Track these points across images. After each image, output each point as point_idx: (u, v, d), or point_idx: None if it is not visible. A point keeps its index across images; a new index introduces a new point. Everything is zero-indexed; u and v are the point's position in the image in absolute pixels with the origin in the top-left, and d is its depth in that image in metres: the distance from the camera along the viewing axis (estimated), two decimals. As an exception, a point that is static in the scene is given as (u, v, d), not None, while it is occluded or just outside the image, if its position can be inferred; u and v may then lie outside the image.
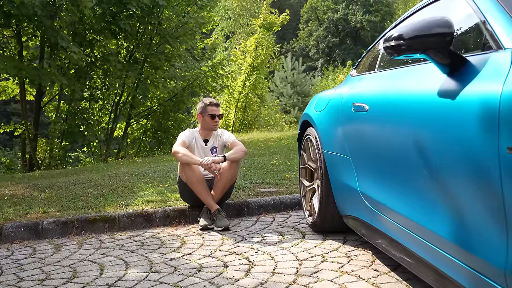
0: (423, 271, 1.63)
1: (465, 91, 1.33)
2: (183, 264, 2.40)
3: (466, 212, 1.33)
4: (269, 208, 3.61)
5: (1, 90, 10.87)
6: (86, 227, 3.20)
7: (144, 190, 4.07)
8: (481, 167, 1.23)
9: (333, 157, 2.54)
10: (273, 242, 2.74)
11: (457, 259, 1.39)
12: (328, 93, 2.87)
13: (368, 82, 2.31)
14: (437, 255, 1.51)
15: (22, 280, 2.27)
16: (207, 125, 3.44)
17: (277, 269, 2.24)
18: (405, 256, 1.78)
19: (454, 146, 1.35)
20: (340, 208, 2.59)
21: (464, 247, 1.34)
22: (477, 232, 1.28)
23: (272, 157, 6.15)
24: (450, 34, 1.41)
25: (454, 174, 1.38)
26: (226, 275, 2.20)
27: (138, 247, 2.79)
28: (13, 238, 3.08)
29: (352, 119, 2.28)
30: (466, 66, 1.41)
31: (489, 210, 1.21)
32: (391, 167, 1.85)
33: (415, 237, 1.65)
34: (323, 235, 2.83)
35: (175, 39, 9.97)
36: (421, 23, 1.45)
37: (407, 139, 1.67)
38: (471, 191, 1.29)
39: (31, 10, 6.96)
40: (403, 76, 1.89)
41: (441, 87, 1.47)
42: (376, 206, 2.03)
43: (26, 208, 3.57)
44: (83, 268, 2.42)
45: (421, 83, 1.65)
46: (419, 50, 1.46)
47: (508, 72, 1.19)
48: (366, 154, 2.13)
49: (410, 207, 1.69)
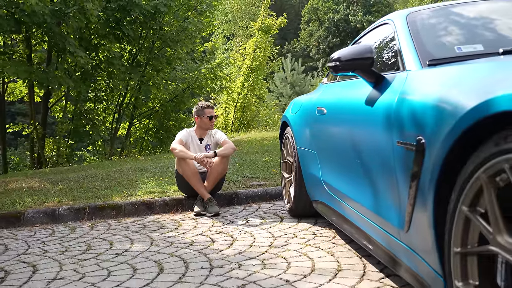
0: (358, 236, 2.13)
1: (379, 100, 1.83)
2: (178, 240, 2.90)
3: (379, 188, 1.83)
4: (256, 198, 4.10)
5: (9, 92, 11.41)
6: (96, 213, 3.71)
7: (146, 183, 4.58)
8: (384, 155, 1.72)
9: (304, 152, 3.04)
10: (255, 224, 3.24)
11: (375, 223, 1.88)
12: (302, 98, 3.37)
13: (329, 90, 2.81)
14: (365, 222, 2.01)
15: (47, 252, 2.78)
16: (204, 125, 3.94)
17: (254, 243, 2.74)
18: (348, 227, 2.28)
19: (372, 140, 1.85)
20: (310, 195, 3.09)
21: (378, 213, 1.84)
22: (385, 202, 1.78)
23: (265, 154, 6.65)
24: (372, 59, 1.90)
25: (371, 160, 1.87)
26: (212, 247, 2.70)
27: (141, 228, 3.29)
28: (33, 222, 3.59)
29: (316, 120, 2.78)
30: (384, 82, 1.90)
31: (390, 185, 1.71)
32: (339, 158, 2.35)
33: (354, 211, 2.15)
34: (298, 219, 3.33)
35: (176, 43, 10.49)
36: (352, 50, 1.95)
37: (348, 136, 2.17)
38: (381, 172, 1.79)
39: (41, 18, 7.47)
40: (349, 87, 2.39)
41: (367, 97, 1.96)
42: (332, 190, 2.53)
43: (43, 198, 4.08)
44: (95, 243, 2.93)
45: (357, 93, 2.14)
46: (350, 70, 1.95)
47: (402, 87, 1.69)
48: (325, 149, 2.63)
49: (350, 188, 2.19)
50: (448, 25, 2.05)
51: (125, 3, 9.09)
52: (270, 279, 2.09)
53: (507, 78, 1.10)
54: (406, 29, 2.01)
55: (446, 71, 1.54)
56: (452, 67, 1.56)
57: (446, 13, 2.14)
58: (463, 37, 1.91)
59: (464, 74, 1.41)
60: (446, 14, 2.13)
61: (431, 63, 1.73)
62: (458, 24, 2.04)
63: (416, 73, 1.72)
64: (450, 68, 1.55)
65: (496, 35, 1.90)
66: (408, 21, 2.07)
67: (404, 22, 2.08)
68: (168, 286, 2.08)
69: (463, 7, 2.19)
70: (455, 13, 2.14)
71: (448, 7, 2.18)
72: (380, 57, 2.21)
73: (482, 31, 1.94)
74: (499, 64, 1.37)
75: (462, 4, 2.20)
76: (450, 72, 1.51)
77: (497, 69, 1.30)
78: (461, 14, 2.13)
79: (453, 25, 2.05)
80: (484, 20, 2.04)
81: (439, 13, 2.15)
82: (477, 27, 1.99)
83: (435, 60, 1.74)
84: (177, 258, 2.51)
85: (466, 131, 1.14)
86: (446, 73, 1.53)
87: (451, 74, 1.49)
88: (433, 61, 1.74)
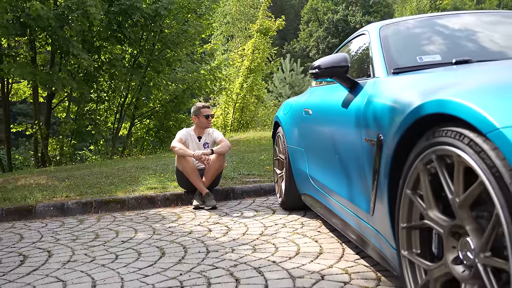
0: (336, 221, 2.41)
1: (352, 102, 2.11)
2: (178, 229, 3.18)
3: (352, 179, 2.11)
4: (251, 193, 4.38)
5: (13, 93, 11.71)
6: (102, 207, 3.99)
7: (148, 179, 4.86)
8: (355, 151, 2.00)
9: (293, 149, 3.32)
10: (249, 216, 3.52)
11: (350, 210, 2.17)
12: (292, 100, 3.65)
13: (315, 93, 3.10)
14: (343, 210, 2.29)
15: (59, 240, 3.06)
16: (202, 124, 4.22)
17: (247, 232, 3.03)
18: (330, 215, 2.56)
19: (347, 138, 2.13)
20: (299, 189, 3.37)
21: (352, 201, 2.12)
22: (357, 191, 2.06)
23: (261, 153, 6.92)
24: (347, 67, 2.18)
25: (346, 156, 2.15)
26: (209, 235, 2.98)
27: (144, 220, 3.57)
28: (44, 215, 3.87)
29: (303, 121, 3.06)
30: (357, 87, 2.18)
31: (360, 177, 1.99)
32: (322, 155, 2.63)
33: (334, 201, 2.43)
34: (289, 211, 3.61)
35: (176, 45, 10.79)
36: (330, 59, 2.23)
37: (329, 134, 2.45)
38: (353, 166, 2.07)
39: (46, 22, 7.76)
40: (330, 90, 2.67)
41: (343, 100, 2.24)
42: (317, 183, 2.81)
43: (51, 193, 4.36)
44: (103, 232, 3.21)
45: (336, 96, 2.42)
46: (329, 76, 2.23)
47: (370, 92, 1.97)
48: (311, 146, 2.91)
49: (331, 181, 2.47)
50: (414, 37, 2.34)
51: (127, 7, 9.37)
52: (259, 260, 2.37)
53: (441, 87, 1.38)
54: (378, 40, 2.30)
55: (405, 79, 1.83)
56: (411, 75, 1.84)
57: (414, 26, 2.42)
58: (426, 48, 2.20)
59: (416, 81, 1.69)
60: (414, 27, 2.41)
61: (395, 71, 2.01)
62: (423, 37, 2.33)
63: (382, 79, 2.00)
64: (409, 76, 1.83)
65: (453, 46, 2.18)
66: (380, 33, 2.35)
67: (377, 33, 2.37)
68: (170, 266, 2.36)
69: (431, 20, 2.47)
70: (422, 26, 2.43)
71: (416, 21, 2.47)
72: (356, 65, 2.49)
73: (442, 43, 2.22)
74: (444, 74, 1.65)
75: (429, 18, 2.49)
76: (407, 79, 1.79)
77: (440, 78, 1.58)
78: (427, 27, 2.42)
79: (418, 37, 2.33)
80: (446, 33, 2.32)
81: (408, 26, 2.43)
82: (438, 39, 2.27)
83: (399, 69, 2.02)
84: (177, 244, 2.79)
85: (409, 129, 1.42)
86: (405, 80, 1.81)
87: (408, 81, 1.77)
88: (397, 69, 2.02)
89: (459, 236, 1.23)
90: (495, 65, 1.72)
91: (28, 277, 2.31)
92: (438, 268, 1.30)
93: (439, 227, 1.29)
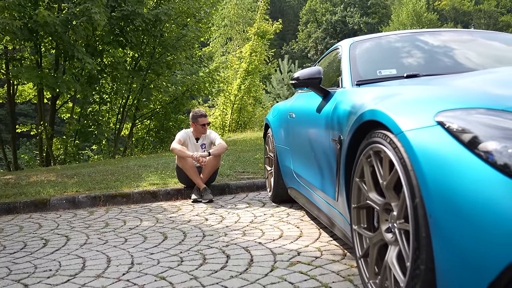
0: (312, 209, 2.84)
1: (324, 109, 2.53)
2: (178, 219, 3.61)
3: (324, 173, 2.53)
4: (245, 188, 4.81)
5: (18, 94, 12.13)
6: (109, 200, 4.41)
7: (150, 176, 5.29)
8: (325, 149, 2.42)
9: (280, 148, 3.75)
10: (241, 208, 3.94)
11: (322, 198, 2.59)
12: (280, 104, 4.08)
13: (299, 99, 3.52)
14: (317, 199, 2.71)
15: (74, 227, 3.48)
16: (198, 131, 4.64)
17: (239, 220, 3.45)
18: (309, 204, 2.99)
19: (319, 138, 2.55)
20: (286, 183, 3.79)
21: (323, 190, 2.54)
22: (327, 182, 2.48)
23: (257, 152, 7.36)
24: (320, 78, 2.60)
25: (319, 153, 2.58)
26: (206, 223, 3.41)
27: (148, 211, 4.00)
28: (57, 207, 4.30)
29: (288, 123, 3.48)
30: (329, 95, 2.60)
31: (329, 170, 2.41)
32: (302, 152, 3.05)
33: (311, 192, 2.86)
34: (277, 204, 4.03)
35: (176, 49, 11.22)
36: (307, 71, 2.65)
37: (307, 135, 2.87)
38: (324, 162, 2.49)
39: (52, 28, 8.18)
40: (310, 97, 3.09)
41: (317, 106, 2.66)
42: (299, 177, 3.23)
43: (62, 188, 4.79)
44: (112, 221, 3.63)
45: (313, 102, 2.84)
46: (305, 86, 2.66)
47: (337, 100, 2.39)
48: (294, 145, 3.34)
49: (309, 175, 2.89)
50: (378, 53, 2.76)
51: (129, 13, 9.80)
52: (247, 242, 2.80)
53: (383, 98, 1.80)
54: (347, 55, 2.72)
55: (363, 90, 2.25)
56: (369, 87, 2.26)
57: (380, 43, 2.85)
58: (386, 63, 2.62)
59: (370, 92, 2.11)
60: (379, 44, 2.84)
61: (358, 83, 2.43)
62: (386, 53, 2.75)
63: (347, 90, 2.42)
64: (367, 88, 2.26)
65: (408, 62, 2.61)
66: (350, 49, 2.77)
67: (348, 49, 2.79)
68: (171, 247, 2.79)
69: (395, 37, 2.90)
70: (387, 43, 2.85)
71: (383, 38, 2.89)
72: (330, 75, 2.91)
73: (400, 58, 2.64)
74: (390, 87, 2.08)
75: (395, 35, 2.91)
76: (365, 91, 2.21)
77: (386, 90, 2.00)
78: (391, 44, 2.84)
79: (382, 53, 2.76)
80: (405, 49, 2.75)
81: (375, 43, 2.86)
82: (397, 55, 2.70)
83: (361, 81, 2.44)
84: (177, 230, 3.22)
85: (356, 131, 1.85)
86: (363, 91, 2.23)
87: (365, 92, 2.19)
88: (360, 81, 2.44)
89: (390, 211, 1.66)
90: (430, 79, 2.14)
91: (52, 255, 2.74)
92: (375, 236, 1.73)
93: (376, 205, 1.72)
